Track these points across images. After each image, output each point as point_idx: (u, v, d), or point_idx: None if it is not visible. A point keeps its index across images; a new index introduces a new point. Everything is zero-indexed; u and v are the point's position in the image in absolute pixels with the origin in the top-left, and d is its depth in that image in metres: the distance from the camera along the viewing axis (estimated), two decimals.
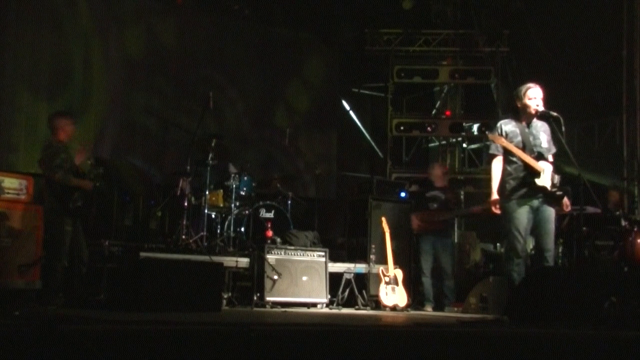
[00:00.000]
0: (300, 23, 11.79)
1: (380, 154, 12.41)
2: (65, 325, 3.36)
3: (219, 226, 8.12)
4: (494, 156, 6.07)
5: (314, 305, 7.31)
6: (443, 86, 12.35)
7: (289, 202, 8.62)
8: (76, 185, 6.27)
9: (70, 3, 9.90)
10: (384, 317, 6.46)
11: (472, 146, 12.46)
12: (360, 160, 12.90)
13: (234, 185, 8.04)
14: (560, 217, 8.42)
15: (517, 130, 6.01)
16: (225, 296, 6.76)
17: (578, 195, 6.44)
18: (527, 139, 5.98)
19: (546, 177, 5.91)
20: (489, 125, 11.43)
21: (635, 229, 7.71)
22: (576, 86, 10.40)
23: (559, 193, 5.95)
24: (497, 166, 6.05)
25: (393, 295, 7.43)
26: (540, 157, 5.95)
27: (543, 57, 10.87)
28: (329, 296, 7.46)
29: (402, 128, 11.54)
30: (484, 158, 12.11)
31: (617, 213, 8.13)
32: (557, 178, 5.99)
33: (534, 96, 6.00)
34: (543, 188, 5.89)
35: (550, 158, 6.12)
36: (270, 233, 7.68)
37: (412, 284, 8.21)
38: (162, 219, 9.08)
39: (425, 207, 8.34)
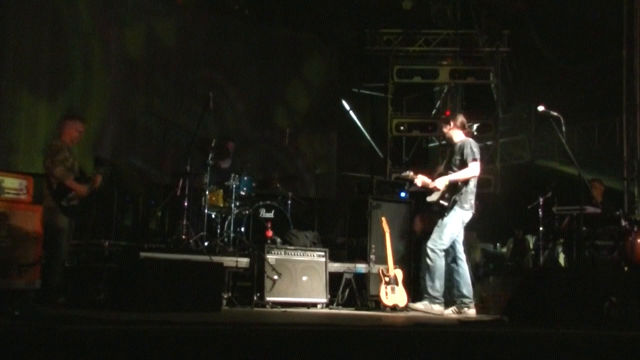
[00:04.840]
0: (300, 23, 11.79)
1: (380, 154, 12.41)
2: (65, 325, 3.36)
3: (219, 226, 8.12)
4: None
5: (314, 305, 7.31)
6: (443, 86, 12.35)
7: (289, 202, 8.61)
8: (71, 186, 6.27)
9: (70, 3, 9.90)
10: (384, 317, 6.45)
11: None
12: (360, 160, 12.90)
13: (234, 185, 8.04)
14: (560, 217, 8.45)
15: None
16: (225, 296, 6.75)
17: (579, 196, 6.48)
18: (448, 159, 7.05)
19: (436, 193, 6.91)
20: (489, 125, 11.45)
21: (635, 229, 7.70)
22: (576, 86, 10.41)
23: (440, 203, 6.88)
24: None
25: (393, 295, 7.42)
26: (441, 175, 6.91)
27: (543, 57, 10.87)
28: (329, 296, 7.45)
29: (402, 128, 11.54)
30: (484, 158, 12.11)
31: (617, 213, 8.12)
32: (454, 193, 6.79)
33: None
34: (432, 202, 7.02)
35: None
36: (270, 233, 7.67)
37: (412, 284, 8.21)
38: (162, 219, 9.08)
39: (429, 209, 8.32)
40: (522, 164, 11.89)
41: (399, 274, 7.54)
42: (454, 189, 6.81)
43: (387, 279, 7.43)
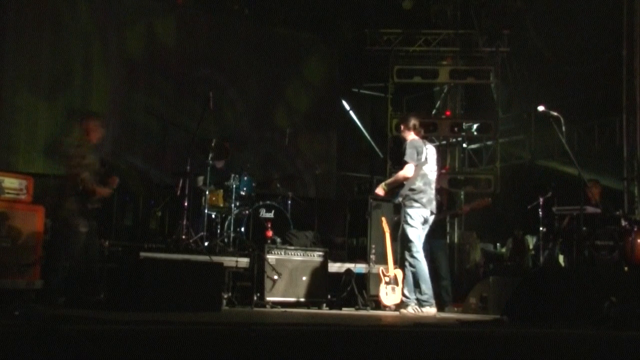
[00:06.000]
0: (300, 23, 11.79)
1: (380, 154, 12.40)
2: (65, 325, 3.36)
3: (219, 226, 8.12)
4: None
5: (314, 305, 7.31)
6: (443, 86, 12.35)
7: (289, 202, 8.62)
8: (96, 191, 6.15)
9: (70, 3, 9.91)
10: (384, 317, 6.45)
11: (472, 146, 12.46)
12: (360, 160, 12.90)
13: (234, 185, 8.04)
14: (560, 217, 8.45)
15: None
16: (225, 296, 6.76)
17: (579, 196, 6.47)
18: None
19: None
20: (489, 125, 11.45)
21: (635, 229, 7.70)
22: (576, 86, 10.39)
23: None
24: None
25: (393, 295, 7.42)
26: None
27: (543, 57, 10.86)
28: (329, 296, 7.45)
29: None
30: (484, 158, 12.11)
31: (617, 213, 8.12)
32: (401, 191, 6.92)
33: None
34: None
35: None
36: (270, 233, 7.67)
37: None
38: (162, 219, 9.08)
39: None
40: (522, 164, 11.88)
41: (399, 274, 7.53)
42: (399, 191, 6.93)
43: (387, 279, 7.43)
